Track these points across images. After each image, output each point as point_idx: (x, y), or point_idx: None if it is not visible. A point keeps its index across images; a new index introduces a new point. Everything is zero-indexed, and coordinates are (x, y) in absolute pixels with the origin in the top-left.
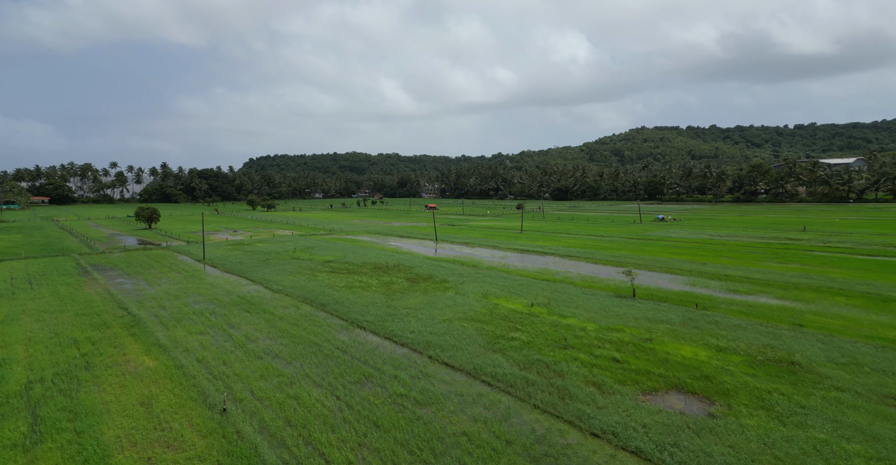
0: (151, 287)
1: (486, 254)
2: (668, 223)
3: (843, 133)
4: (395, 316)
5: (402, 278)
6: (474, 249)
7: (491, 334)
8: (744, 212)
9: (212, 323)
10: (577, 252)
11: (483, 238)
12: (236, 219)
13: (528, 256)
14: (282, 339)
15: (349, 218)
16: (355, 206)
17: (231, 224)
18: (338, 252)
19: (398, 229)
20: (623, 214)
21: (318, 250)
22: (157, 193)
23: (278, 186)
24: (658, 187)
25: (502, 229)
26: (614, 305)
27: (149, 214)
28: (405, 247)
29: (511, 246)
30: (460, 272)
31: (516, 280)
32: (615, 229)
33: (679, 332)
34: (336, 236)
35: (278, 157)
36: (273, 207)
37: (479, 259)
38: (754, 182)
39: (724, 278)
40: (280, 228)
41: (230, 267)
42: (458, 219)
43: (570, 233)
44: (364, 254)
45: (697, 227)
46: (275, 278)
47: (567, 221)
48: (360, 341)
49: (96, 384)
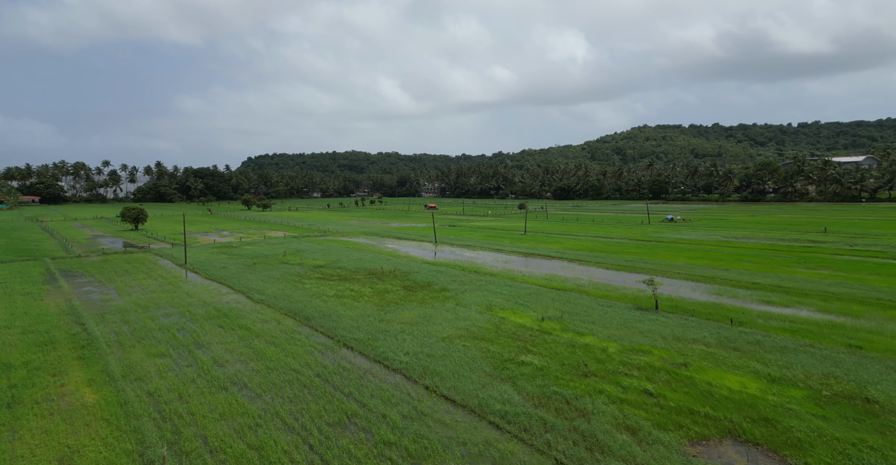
0: (120, 297)
1: (488, 258)
2: (678, 224)
3: (847, 131)
4: (389, 333)
5: (397, 285)
6: (476, 252)
7: (498, 357)
8: (754, 212)
9: (177, 342)
10: (586, 256)
11: (485, 240)
12: (229, 219)
13: (534, 260)
14: (255, 362)
15: (346, 218)
16: (353, 205)
17: (222, 225)
18: (330, 256)
19: (396, 231)
20: (629, 214)
21: (310, 253)
22: (151, 193)
23: (276, 186)
24: (663, 186)
25: (504, 231)
26: (635, 319)
27: (135, 215)
28: (403, 250)
29: (515, 249)
30: (461, 279)
31: (523, 288)
32: (623, 231)
33: (718, 355)
34: (330, 237)
35: (277, 155)
36: (269, 206)
37: (482, 264)
38: (762, 181)
39: (753, 287)
40: (273, 230)
41: (212, 273)
42: (458, 219)
43: (576, 235)
44: (358, 258)
45: (710, 228)
46: (258, 286)
47: (571, 221)
48: (345, 365)
49: (12, 430)
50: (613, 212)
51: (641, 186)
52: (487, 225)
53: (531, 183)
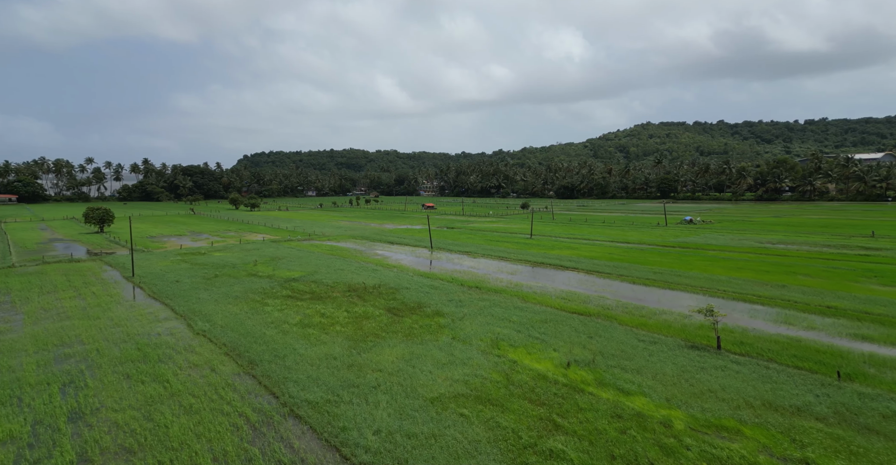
0: (23, 327)
1: (491, 267)
2: (698, 226)
3: (855, 128)
4: (358, 389)
5: (381, 307)
6: (477, 260)
7: (513, 443)
8: (777, 212)
9: (48, 410)
10: (606, 266)
11: (487, 245)
12: (210, 220)
13: (545, 271)
14: (146, 453)
15: (337, 219)
16: (347, 205)
17: (201, 226)
18: (309, 265)
19: (389, 234)
20: (640, 214)
21: (286, 262)
22: (137, 191)
23: (269, 184)
24: (672, 185)
25: (508, 234)
26: (695, 365)
27: (100, 216)
28: (393, 257)
29: (522, 257)
30: (460, 298)
31: (536, 312)
32: (640, 234)
33: (851, 443)
34: (315, 242)
35: (273, 153)
36: (257, 206)
37: (484, 276)
38: (778, 179)
39: (830, 313)
40: (254, 232)
41: (160, 289)
42: (457, 220)
43: (589, 239)
44: (340, 268)
45: (735, 230)
46: (208, 309)
47: (580, 223)
48: (282, 459)
49: None
50: (623, 212)
51: (649, 185)
52: (489, 227)
53: (533, 181)
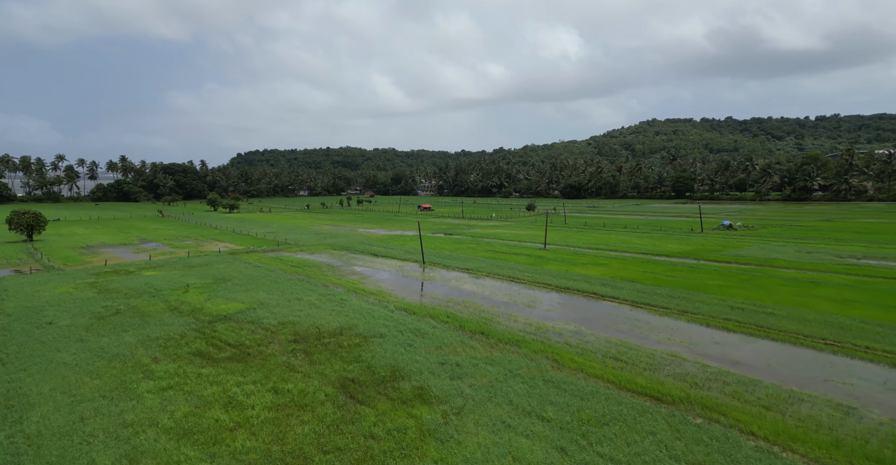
0: None
1: (500, 294)
2: (742, 233)
3: (869, 125)
4: None
5: (332, 380)
6: (481, 282)
7: None
8: (822, 214)
9: None
10: (656, 294)
11: (493, 259)
12: (176, 224)
13: (574, 300)
14: None
15: (321, 222)
16: (338, 205)
17: (157, 233)
18: (258, 292)
19: (376, 242)
20: (661, 217)
21: (230, 286)
22: (113, 191)
23: (257, 183)
24: (688, 184)
25: (517, 243)
26: None
27: (27, 222)
28: (374, 278)
29: (539, 278)
30: (457, 360)
31: (582, 394)
32: (678, 244)
33: None
34: (282, 254)
35: (268, 152)
36: (236, 207)
37: (492, 310)
38: (809, 177)
39: None
40: (216, 240)
41: (2, 342)
42: (456, 224)
43: (615, 249)
44: (297, 297)
45: (791, 239)
46: (40, 391)
47: (598, 228)
48: None
49: None
50: (640, 214)
51: (663, 184)
52: (493, 233)
53: (537, 180)
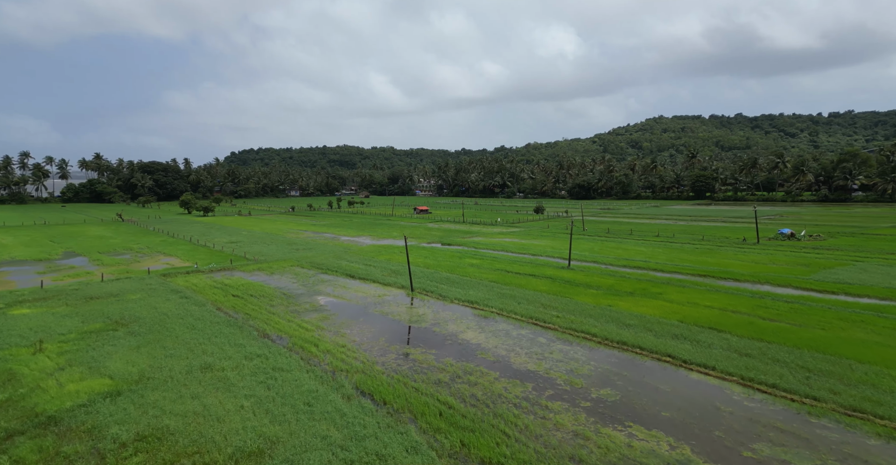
0: None
1: (523, 356)
2: (812, 244)
3: (886, 121)
4: None
5: None
6: (491, 325)
7: None
8: (888, 219)
9: None
10: (773, 363)
11: (503, 285)
12: (129, 231)
13: (641, 370)
14: None
15: (302, 228)
16: (326, 207)
17: (92, 243)
18: (153, 352)
19: (357, 256)
20: (692, 222)
21: (119, 337)
22: (86, 191)
23: (245, 183)
24: (709, 183)
25: (531, 258)
26: None
27: None
28: (338, 319)
29: (574, 320)
30: None
31: None
32: (738, 261)
33: None
34: (234, 274)
35: (262, 150)
36: (211, 210)
37: (513, 396)
38: (850, 175)
39: None
40: (163, 254)
41: None
42: (456, 231)
43: (661, 269)
44: (209, 364)
45: (880, 255)
46: None
47: (623, 236)
48: None
49: None
50: (665, 218)
51: (681, 183)
52: (500, 242)
53: (543, 180)
